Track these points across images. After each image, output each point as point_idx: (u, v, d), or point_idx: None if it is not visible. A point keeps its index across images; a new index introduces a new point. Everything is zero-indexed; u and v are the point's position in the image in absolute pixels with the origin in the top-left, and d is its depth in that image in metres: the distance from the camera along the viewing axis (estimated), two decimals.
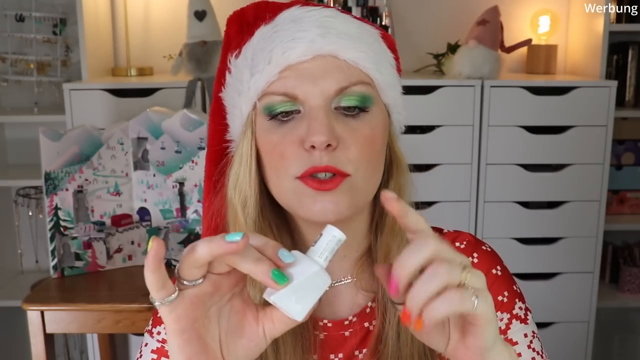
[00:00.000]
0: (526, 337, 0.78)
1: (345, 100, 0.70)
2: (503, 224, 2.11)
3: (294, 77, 0.69)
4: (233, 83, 0.74)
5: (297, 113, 0.70)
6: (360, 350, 0.78)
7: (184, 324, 0.56)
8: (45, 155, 1.65)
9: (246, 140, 0.73)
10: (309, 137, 0.67)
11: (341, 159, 0.68)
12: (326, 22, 0.71)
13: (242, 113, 0.74)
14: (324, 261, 0.56)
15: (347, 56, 0.70)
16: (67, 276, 1.70)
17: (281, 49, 0.69)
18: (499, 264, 0.82)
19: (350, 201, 0.69)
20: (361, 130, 0.70)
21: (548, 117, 2.07)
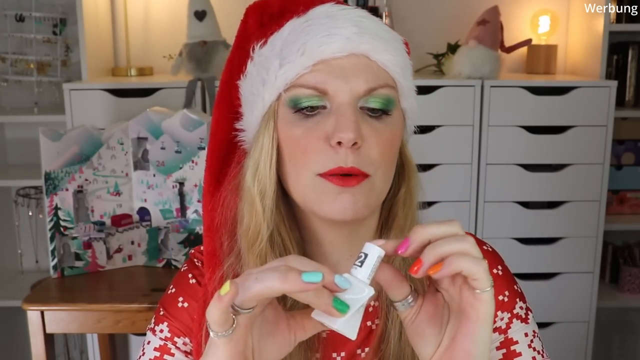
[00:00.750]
0: (527, 336, 0.78)
1: (372, 102, 0.70)
2: (503, 224, 2.11)
3: (326, 72, 0.69)
4: (257, 72, 0.74)
5: (322, 108, 0.70)
6: (363, 349, 0.79)
7: (240, 348, 0.57)
8: (45, 155, 1.65)
9: (268, 131, 0.73)
10: (337, 132, 0.67)
11: (364, 160, 0.69)
12: (361, 21, 0.71)
13: (265, 102, 0.73)
14: (369, 281, 0.58)
15: (379, 57, 0.70)
16: (67, 276, 1.70)
17: (317, 43, 0.69)
18: (500, 264, 0.82)
19: (367, 201, 0.70)
20: (383, 132, 0.70)
21: (548, 117, 2.07)
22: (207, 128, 1.68)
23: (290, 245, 0.76)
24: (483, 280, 0.56)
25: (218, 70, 2.10)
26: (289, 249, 0.75)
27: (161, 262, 1.77)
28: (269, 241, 0.73)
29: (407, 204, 0.77)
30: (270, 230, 0.73)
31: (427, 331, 0.61)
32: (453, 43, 2.31)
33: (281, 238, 0.75)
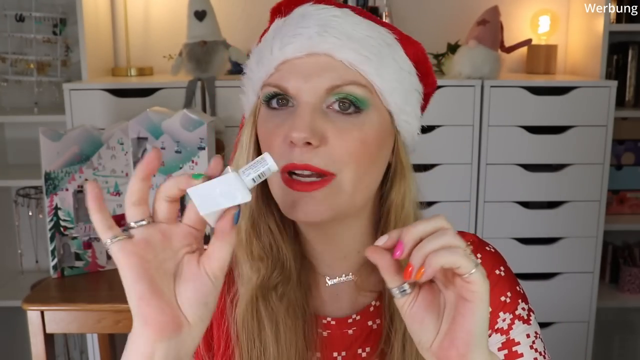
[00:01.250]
0: (528, 337, 0.78)
1: (337, 97, 0.69)
2: (503, 224, 2.11)
3: (287, 72, 0.70)
4: (248, 73, 0.76)
5: (291, 106, 0.70)
6: (364, 348, 0.78)
7: (134, 261, 0.56)
8: (45, 155, 1.65)
9: (247, 128, 0.75)
10: (289, 132, 0.67)
11: (323, 158, 0.67)
12: (330, 20, 0.70)
13: (250, 101, 0.76)
14: (245, 177, 0.57)
15: (342, 56, 0.69)
16: (67, 276, 1.70)
17: (280, 43, 0.70)
18: (502, 265, 0.82)
19: (333, 202, 0.69)
20: (350, 131, 0.69)
21: (548, 117, 2.07)
22: (207, 128, 1.68)
23: (282, 240, 0.76)
24: (465, 266, 0.57)
25: (218, 70, 2.10)
26: (279, 243, 0.76)
27: None
28: (255, 235, 0.75)
29: (399, 209, 0.76)
30: (250, 224, 0.75)
31: (426, 318, 0.61)
32: (453, 43, 2.31)
33: (271, 232, 0.76)
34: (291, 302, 0.75)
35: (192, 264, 0.59)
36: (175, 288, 0.58)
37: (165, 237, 0.58)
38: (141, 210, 0.57)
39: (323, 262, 0.79)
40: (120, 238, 0.56)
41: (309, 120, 0.67)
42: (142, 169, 0.57)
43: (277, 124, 0.70)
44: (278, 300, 0.75)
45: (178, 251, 0.59)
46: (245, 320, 0.75)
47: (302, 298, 0.77)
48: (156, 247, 0.57)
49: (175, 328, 0.57)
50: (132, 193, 0.57)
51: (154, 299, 0.56)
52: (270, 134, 0.70)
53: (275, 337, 0.74)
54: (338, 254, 0.78)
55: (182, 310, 0.58)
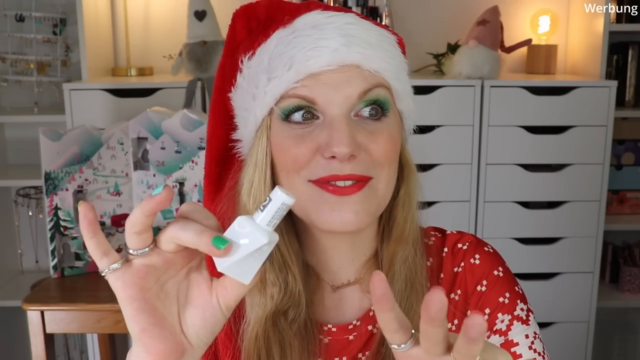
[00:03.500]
0: (527, 338, 0.77)
1: (366, 102, 0.69)
2: (503, 224, 2.11)
3: (315, 86, 0.68)
4: (246, 86, 0.73)
5: (315, 119, 0.69)
6: (364, 353, 0.78)
7: (132, 292, 0.54)
8: (45, 155, 1.65)
9: (261, 146, 0.72)
10: (331, 147, 0.66)
11: (364, 165, 0.68)
12: (349, 30, 0.69)
13: (257, 118, 0.72)
14: (271, 228, 0.53)
15: (371, 66, 0.69)
16: (67, 276, 1.70)
17: (304, 57, 0.68)
18: (501, 265, 0.82)
19: (369, 209, 0.69)
20: (382, 133, 0.69)
21: (548, 117, 2.07)
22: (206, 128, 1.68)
23: (289, 258, 0.74)
24: None
25: None
26: (287, 262, 0.74)
27: None
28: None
29: (405, 206, 0.76)
30: None
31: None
32: (453, 43, 2.31)
33: (280, 252, 0.74)
34: (300, 325, 0.74)
35: (203, 291, 0.57)
36: (180, 312, 0.56)
37: (167, 261, 0.55)
38: (144, 239, 0.54)
39: (330, 269, 0.78)
40: (117, 266, 0.53)
41: (349, 134, 0.66)
42: (150, 207, 0.52)
43: (301, 137, 0.68)
44: (287, 325, 0.74)
45: (180, 271, 0.56)
46: (256, 344, 0.73)
47: (309, 317, 0.76)
48: (157, 271, 0.55)
49: (178, 355, 0.55)
50: (134, 224, 0.53)
51: (156, 330, 0.54)
52: (294, 147, 0.68)
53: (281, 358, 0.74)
54: (349, 257, 0.78)
55: (186, 335, 0.56)
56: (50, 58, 2.28)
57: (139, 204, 0.53)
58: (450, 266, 0.81)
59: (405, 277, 0.76)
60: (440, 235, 0.84)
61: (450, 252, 0.82)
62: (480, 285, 0.79)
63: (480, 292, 0.79)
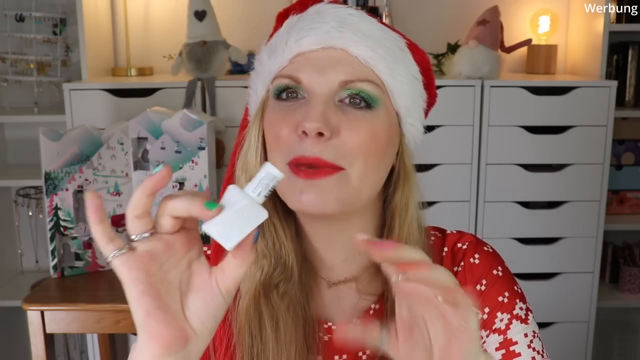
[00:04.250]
0: (526, 336, 0.78)
1: (349, 92, 0.70)
2: (503, 224, 2.11)
3: (302, 64, 0.71)
4: (256, 66, 0.77)
5: (302, 98, 0.71)
6: (364, 351, 0.79)
7: (138, 274, 0.54)
8: (45, 155, 1.65)
9: (256, 122, 0.75)
10: (302, 122, 0.67)
11: (334, 151, 0.68)
12: (347, 18, 0.72)
13: (258, 96, 0.76)
14: (257, 196, 0.55)
15: (359, 53, 0.70)
16: (67, 276, 1.70)
17: (297, 36, 0.71)
18: (500, 265, 0.82)
19: (339, 195, 0.69)
20: (361, 124, 0.69)
21: (548, 117, 2.07)
22: (207, 128, 1.68)
23: (284, 236, 0.76)
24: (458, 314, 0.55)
25: (218, 70, 2.10)
26: (281, 238, 0.76)
27: None
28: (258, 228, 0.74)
29: (402, 213, 0.76)
30: None
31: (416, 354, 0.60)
32: (453, 43, 2.31)
33: (274, 228, 0.76)
34: (292, 301, 0.75)
35: (203, 276, 0.58)
36: (183, 300, 0.57)
37: (168, 247, 0.56)
38: (144, 223, 0.55)
39: (325, 265, 0.79)
40: (122, 251, 0.54)
41: (322, 111, 0.67)
42: (150, 185, 0.54)
43: (286, 114, 0.70)
44: (279, 298, 0.74)
45: (181, 259, 0.57)
46: (247, 317, 0.74)
47: (303, 298, 0.76)
48: (160, 258, 0.55)
49: (182, 342, 0.56)
50: (135, 207, 0.54)
51: (160, 314, 0.55)
52: (277, 124, 0.70)
53: (275, 334, 0.74)
54: (339, 256, 0.78)
55: (189, 322, 0.57)
56: (50, 58, 2.28)
57: (139, 186, 0.54)
58: (450, 266, 0.81)
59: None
60: (440, 235, 0.84)
61: (450, 251, 0.82)
62: (479, 284, 0.80)
63: (479, 292, 0.79)
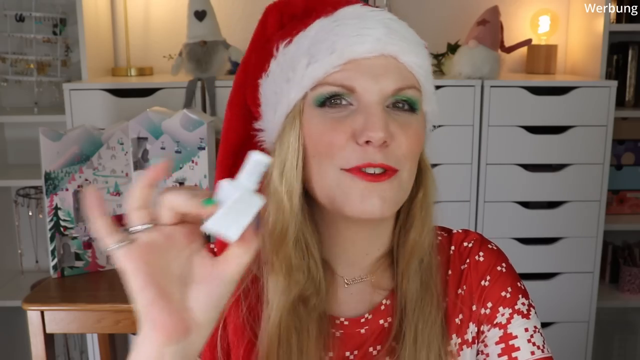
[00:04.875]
0: (527, 331, 0.79)
1: (399, 98, 0.71)
2: (503, 224, 2.11)
3: (355, 71, 0.70)
4: (281, 71, 0.73)
5: (350, 105, 0.70)
6: (375, 347, 0.79)
7: (139, 264, 0.54)
8: (45, 155, 1.65)
9: (294, 129, 0.72)
10: (366, 131, 0.67)
11: (392, 156, 0.69)
12: (390, 23, 0.73)
13: (290, 101, 0.72)
14: (251, 184, 0.56)
15: (407, 60, 0.71)
16: (67, 276, 1.70)
17: (347, 42, 0.70)
18: (504, 262, 0.84)
19: (396, 198, 0.71)
20: (409, 129, 0.71)
21: (548, 117, 2.07)
22: (207, 128, 1.68)
23: (312, 247, 0.75)
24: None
25: (218, 70, 2.10)
26: (311, 250, 0.75)
27: None
28: (295, 244, 0.73)
29: (424, 207, 0.78)
30: (296, 230, 0.73)
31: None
32: (453, 43, 2.31)
33: (304, 239, 0.74)
34: (319, 314, 0.75)
35: (206, 267, 0.58)
36: (185, 291, 0.57)
37: (169, 238, 0.56)
38: (144, 214, 0.56)
39: (344, 263, 0.79)
40: (124, 243, 0.55)
41: (384, 120, 0.68)
42: (150, 176, 0.55)
43: (335, 123, 0.70)
44: (306, 312, 0.74)
45: (182, 251, 0.57)
46: (278, 331, 0.74)
47: (326, 307, 0.77)
48: (161, 250, 0.56)
49: (184, 332, 0.56)
50: (135, 198, 0.55)
51: (163, 303, 0.55)
52: (326, 132, 0.69)
53: (299, 346, 0.74)
54: (362, 252, 0.79)
55: (192, 313, 0.57)
56: (50, 58, 2.28)
57: (139, 181, 0.55)
58: (458, 264, 0.83)
59: (421, 277, 0.78)
60: (446, 235, 0.85)
61: (457, 250, 0.84)
62: (484, 280, 0.81)
63: (483, 287, 0.81)
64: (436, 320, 0.77)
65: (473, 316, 0.80)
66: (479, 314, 0.80)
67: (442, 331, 0.78)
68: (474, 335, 0.81)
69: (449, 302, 0.80)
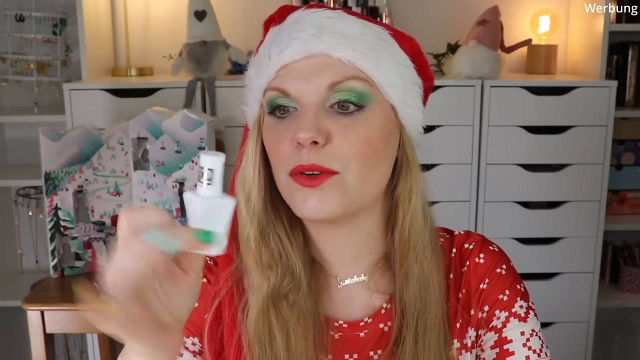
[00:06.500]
0: (523, 335, 0.78)
1: (339, 95, 0.70)
2: (503, 224, 2.11)
3: (287, 76, 0.71)
4: (247, 82, 0.77)
5: (294, 110, 0.71)
6: (375, 351, 0.78)
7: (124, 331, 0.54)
8: (45, 155, 1.65)
9: (252, 137, 0.75)
10: (295, 134, 0.68)
11: (328, 157, 0.69)
12: (324, 22, 0.71)
13: (253, 111, 0.77)
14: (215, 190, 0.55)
15: (340, 55, 0.70)
16: (67, 276, 1.70)
17: (278, 49, 0.71)
18: (504, 264, 0.82)
19: (340, 199, 0.69)
20: (354, 128, 0.70)
21: (548, 117, 2.07)
22: (207, 128, 1.68)
23: (290, 247, 0.76)
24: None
25: (218, 70, 2.10)
26: (288, 251, 0.76)
27: None
28: (264, 243, 0.75)
29: (405, 203, 0.76)
30: (259, 232, 0.75)
31: None
32: (453, 43, 2.31)
33: (280, 240, 0.76)
34: (302, 310, 0.75)
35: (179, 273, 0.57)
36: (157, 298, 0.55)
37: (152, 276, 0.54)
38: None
39: (335, 265, 0.79)
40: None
41: (314, 120, 0.68)
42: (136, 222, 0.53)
43: (282, 129, 0.71)
44: (289, 309, 0.74)
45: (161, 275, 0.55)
46: (257, 329, 0.74)
47: (313, 305, 0.76)
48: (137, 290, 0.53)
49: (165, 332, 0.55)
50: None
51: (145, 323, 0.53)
52: (276, 140, 0.71)
53: (286, 345, 0.74)
54: (350, 255, 0.78)
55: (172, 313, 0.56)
56: (50, 58, 2.28)
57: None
58: (459, 267, 0.82)
59: (419, 277, 0.76)
60: (448, 237, 0.84)
61: (458, 252, 0.83)
62: (482, 283, 0.80)
63: (481, 290, 0.80)
64: (437, 324, 0.76)
65: (472, 320, 0.80)
66: (477, 318, 0.80)
67: (443, 336, 0.77)
68: (473, 339, 0.80)
69: (451, 306, 0.80)
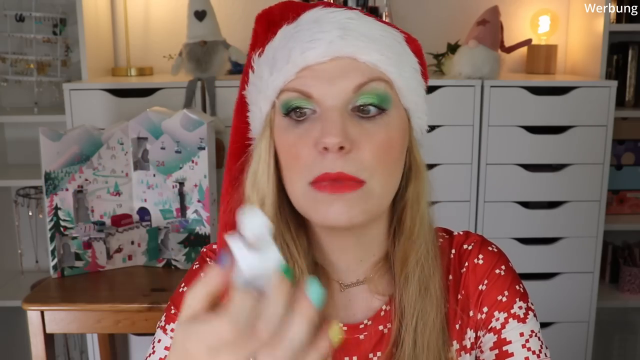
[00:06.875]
0: (522, 336, 0.77)
1: (363, 98, 0.69)
2: (503, 224, 2.11)
3: (311, 77, 0.69)
4: (254, 81, 0.74)
5: (312, 113, 0.69)
6: (375, 353, 0.78)
7: None
8: (45, 155, 1.65)
9: (265, 139, 0.73)
10: (322, 138, 0.66)
11: (355, 165, 0.67)
12: (347, 23, 0.70)
13: (262, 111, 0.74)
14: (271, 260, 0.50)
15: (366, 58, 0.69)
16: (67, 276, 1.70)
17: (300, 49, 0.69)
18: (504, 264, 0.82)
19: (365, 207, 0.68)
20: (377, 134, 0.69)
21: (548, 117, 2.07)
22: (207, 128, 1.68)
23: (297, 253, 0.75)
24: None
25: (218, 70, 2.10)
26: (295, 256, 0.75)
27: (161, 262, 1.77)
28: None
29: (414, 207, 0.76)
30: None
31: None
32: (453, 43, 2.31)
33: (287, 246, 0.75)
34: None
35: None
36: None
37: None
38: None
39: (338, 269, 0.79)
40: None
41: (341, 124, 0.66)
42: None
43: (302, 133, 0.69)
44: None
45: None
46: None
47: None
48: None
49: None
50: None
51: None
52: (293, 145, 0.69)
53: None
54: (355, 259, 0.78)
55: None
56: (50, 58, 2.28)
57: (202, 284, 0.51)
58: (458, 268, 0.81)
59: (419, 279, 0.76)
60: (447, 237, 0.84)
61: (458, 253, 0.82)
62: (481, 284, 0.80)
63: (480, 291, 0.80)
64: (436, 326, 0.76)
65: (471, 322, 0.80)
66: (476, 319, 0.79)
67: (442, 337, 0.77)
68: (472, 341, 0.80)
69: (450, 308, 0.79)
